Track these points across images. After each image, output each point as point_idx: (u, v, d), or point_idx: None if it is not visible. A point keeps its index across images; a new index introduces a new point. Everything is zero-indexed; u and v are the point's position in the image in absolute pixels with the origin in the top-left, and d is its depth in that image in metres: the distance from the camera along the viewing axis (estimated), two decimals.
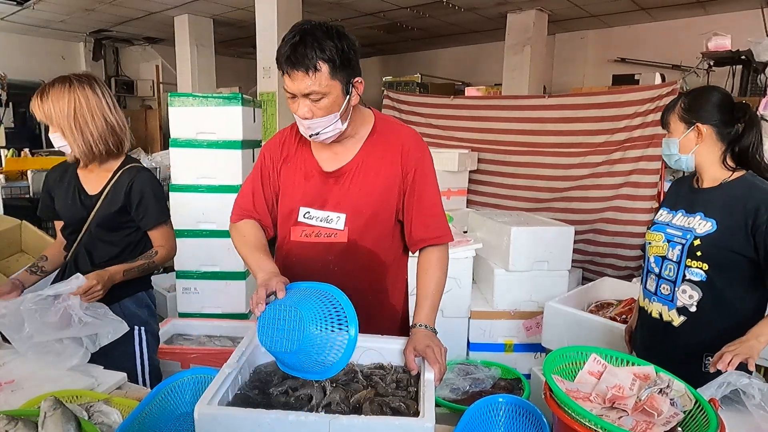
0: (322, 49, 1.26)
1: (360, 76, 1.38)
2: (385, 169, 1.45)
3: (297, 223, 1.49)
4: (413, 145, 1.47)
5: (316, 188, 1.47)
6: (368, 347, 1.32)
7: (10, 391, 1.37)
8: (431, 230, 1.48)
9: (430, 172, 1.49)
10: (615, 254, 4.21)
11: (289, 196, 1.51)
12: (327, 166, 1.47)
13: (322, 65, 1.27)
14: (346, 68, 1.31)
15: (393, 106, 5.66)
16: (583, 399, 1.15)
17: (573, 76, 8.01)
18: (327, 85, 1.29)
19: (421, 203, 1.47)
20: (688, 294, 1.64)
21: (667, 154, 1.73)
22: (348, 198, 1.44)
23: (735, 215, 1.56)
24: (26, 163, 5.72)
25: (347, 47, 1.30)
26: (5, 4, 6.94)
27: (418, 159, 1.46)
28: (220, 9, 7.34)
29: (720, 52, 4.11)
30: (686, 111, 1.66)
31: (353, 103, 1.39)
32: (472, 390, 2.45)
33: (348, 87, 1.34)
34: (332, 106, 1.33)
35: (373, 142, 1.47)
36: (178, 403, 1.26)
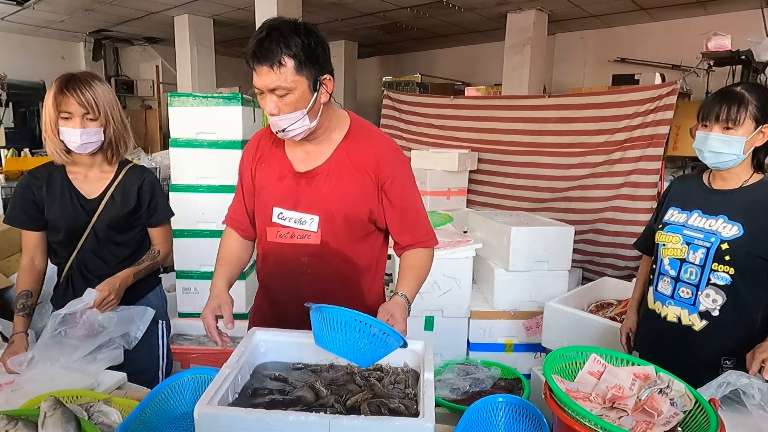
0: (288, 44, 1.26)
1: (330, 74, 1.37)
2: (359, 176, 1.44)
3: (272, 224, 1.50)
4: (389, 155, 1.46)
5: (289, 189, 1.47)
6: None
7: (10, 391, 1.37)
8: (418, 236, 1.51)
9: (408, 180, 1.50)
10: (615, 254, 4.21)
11: (264, 196, 1.52)
12: (300, 166, 1.47)
13: (287, 60, 1.27)
14: (313, 64, 1.31)
15: (393, 106, 5.66)
16: (583, 399, 1.15)
17: (573, 76, 8.01)
18: (292, 81, 1.29)
19: (405, 213, 1.49)
20: (712, 298, 1.61)
21: (718, 152, 1.58)
22: (320, 200, 1.44)
23: (762, 221, 1.54)
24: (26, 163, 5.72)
25: (314, 44, 1.30)
26: (5, 4, 6.94)
27: (394, 169, 1.45)
28: (220, 9, 7.34)
29: (720, 52, 4.11)
30: (760, 110, 1.54)
31: (322, 101, 1.37)
32: (472, 390, 2.45)
33: (315, 84, 1.33)
34: (298, 103, 1.32)
35: (348, 146, 1.46)
36: (178, 403, 1.26)
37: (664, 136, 3.99)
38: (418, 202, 1.52)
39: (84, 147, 1.65)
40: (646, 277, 1.96)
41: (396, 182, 1.46)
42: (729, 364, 1.59)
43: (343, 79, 9.34)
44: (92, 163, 1.75)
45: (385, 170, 1.44)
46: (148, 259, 1.79)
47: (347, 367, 1.31)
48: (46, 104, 1.65)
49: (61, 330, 1.52)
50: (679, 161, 4.52)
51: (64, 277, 1.81)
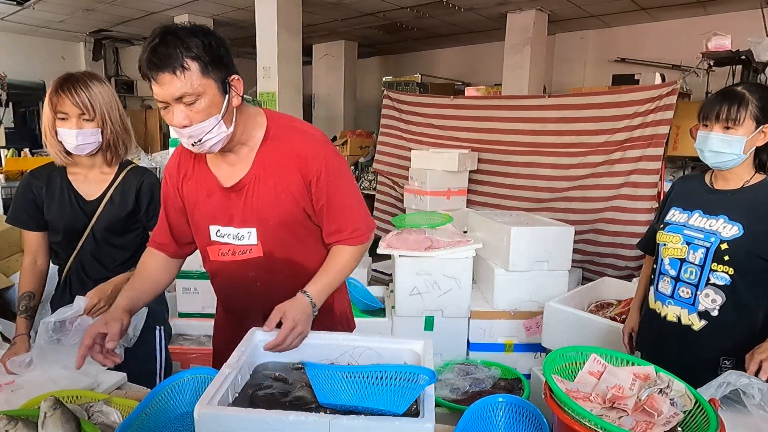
0: (187, 46, 1.17)
1: (237, 74, 1.27)
2: (285, 179, 1.36)
3: (211, 243, 1.44)
4: (311, 152, 1.36)
5: (220, 205, 1.40)
6: (367, 347, 1.32)
7: (10, 391, 1.37)
8: (343, 232, 1.42)
9: (336, 171, 1.39)
10: (615, 254, 4.21)
11: (197, 214, 1.45)
12: (226, 180, 1.39)
13: (190, 63, 1.17)
14: (219, 66, 1.22)
15: (393, 106, 5.66)
16: (583, 399, 1.15)
17: (573, 76, 8.01)
18: (200, 84, 1.19)
19: (331, 207, 1.40)
20: (711, 298, 1.61)
21: (718, 152, 1.57)
22: (253, 212, 1.37)
23: (762, 221, 1.55)
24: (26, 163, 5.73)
25: (215, 44, 1.21)
26: (5, 4, 6.94)
27: (319, 165, 1.35)
28: (220, 9, 7.34)
29: (720, 52, 4.10)
30: (761, 110, 1.53)
31: (235, 104, 1.29)
32: (472, 390, 2.45)
33: (225, 86, 1.24)
34: (211, 108, 1.22)
35: (268, 149, 1.37)
36: (178, 403, 1.26)
37: (664, 136, 3.99)
38: (346, 195, 1.42)
39: (80, 148, 1.63)
40: (648, 276, 1.97)
41: (322, 176, 1.36)
42: (728, 364, 1.59)
43: (343, 79, 9.34)
44: (92, 164, 1.73)
45: (310, 165, 1.35)
46: None
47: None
48: (44, 105, 1.64)
49: (55, 337, 1.52)
50: (679, 161, 4.52)
51: (62, 280, 1.81)
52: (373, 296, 3.12)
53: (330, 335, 1.36)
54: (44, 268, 1.78)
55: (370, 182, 6.25)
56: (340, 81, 9.36)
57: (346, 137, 6.70)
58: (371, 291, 3.21)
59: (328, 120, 9.43)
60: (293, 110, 6.44)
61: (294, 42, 6.29)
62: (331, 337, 1.35)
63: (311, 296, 1.33)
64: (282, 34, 6.11)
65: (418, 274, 2.78)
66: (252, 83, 6.83)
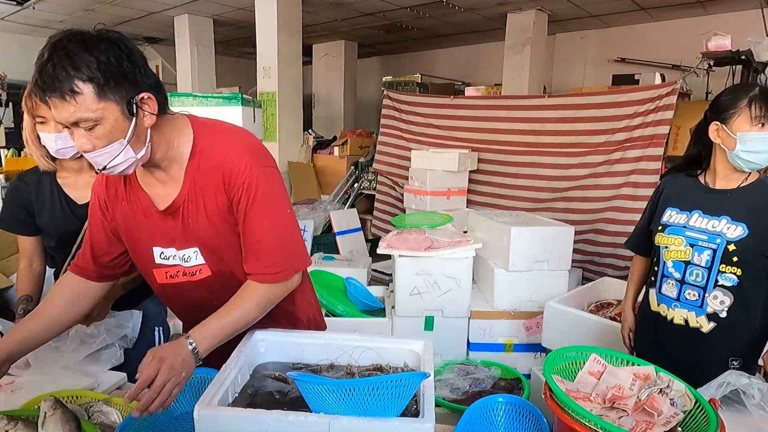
0: (77, 66, 1.00)
1: (148, 92, 1.10)
2: (213, 198, 1.22)
3: (157, 265, 1.32)
4: (236, 167, 1.19)
5: (160, 227, 1.27)
6: (367, 347, 1.32)
7: (10, 391, 1.37)
8: (260, 267, 1.23)
9: (260, 197, 1.20)
10: (615, 254, 4.21)
11: (135, 236, 1.32)
12: (159, 201, 1.26)
13: (82, 86, 1.01)
14: (121, 85, 1.05)
15: (393, 106, 5.66)
16: (583, 399, 1.15)
17: (573, 76, 8.01)
18: (97, 109, 1.03)
19: (249, 237, 1.23)
20: (720, 300, 1.61)
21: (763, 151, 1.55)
22: (192, 233, 1.26)
23: (765, 220, 1.55)
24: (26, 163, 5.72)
25: (116, 58, 1.04)
26: (5, 4, 6.94)
27: (242, 184, 1.19)
28: (220, 9, 7.34)
29: (720, 52, 4.10)
30: None
31: (147, 125, 1.12)
32: (472, 390, 2.44)
33: (131, 107, 1.07)
34: (113, 133, 1.07)
35: (196, 165, 1.22)
36: (178, 403, 1.26)
37: (664, 136, 3.99)
38: (270, 223, 1.22)
39: (62, 152, 1.55)
40: (639, 276, 1.97)
41: (243, 196, 1.20)
42: (736, 365, 1.60)
43: (343, 79, 9.35)
44: (80, 167, 1.67)
45: (233, 183, 1.20)
46: None
47: (347, 367, 1.30)
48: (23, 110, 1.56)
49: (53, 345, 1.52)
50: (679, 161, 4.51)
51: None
52: (373, 296, 3.12)
53: (330, 335, 1.36)
54: (40, 270, 1.77)
55: (370, 182, 6.26)
56: (340, 81, 9.37)
57: (346, 137, 6.70)
58: (371, 291, 3.21)
59: (328, 120, 9.43)
60: (293, 110, 6.45)
61: (294, 42, 6.29)
62: (331, 337, 1.35)
63: (195, 343, 1.13)
64: (282, 34, 6.11)
65: (418, 274, 2.78)
66: (252, 83, 6.84)
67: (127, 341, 1.66)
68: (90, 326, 1.59)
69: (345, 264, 3.77)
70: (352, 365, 1.30)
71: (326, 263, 3.70)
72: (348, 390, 0.97)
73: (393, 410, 1.00)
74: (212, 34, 8.05)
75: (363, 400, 0.97)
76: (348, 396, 0.97)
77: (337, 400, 0.98)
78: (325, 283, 3.07)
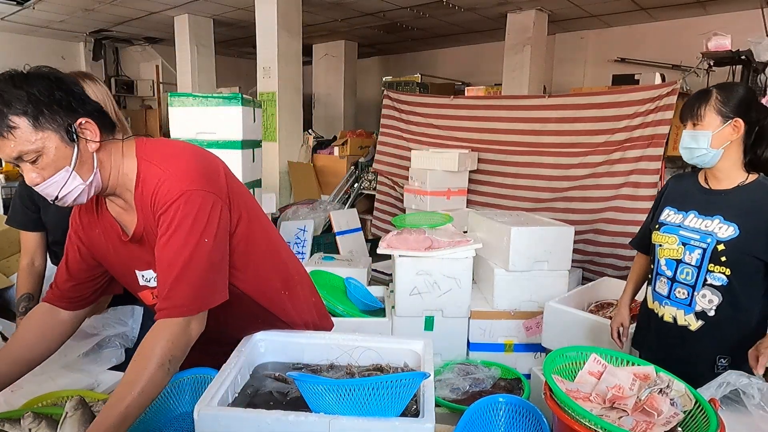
0: (7, 102, 1.02)
1: (89, 115, 1.10)
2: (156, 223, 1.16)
3: (142, 288, 1.31)
4: (161, 193, 1.13)
5: (134, 252, 1.26)
6: (367, 347, 1.32)
7: (10, 391, 1.37)
8: (161, 299, 1.12)
9: (175, 224, 1.12)
10: (615, 254, 4.21)
11: (115, 263, 1.31)
12: (127, 229, 1.25)
13: (17, 120, 1.02)
14: (55, 113, 1.05)
15: (393, 106, 5.66)
16: (583, 399, 1.15)
17: (573, 76, 8.01)
18: (36, 140, 1.04)
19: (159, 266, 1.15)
20: (708, 299, 1.63)
21: (690, 148, 1.62)
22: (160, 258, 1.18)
23: (757, 221, 1.56)
24: None
25: (46, 89, 1.05)
26: (5, 4, 6.94)
27: (162, 206, 1.13)
28: (220, 9, 7.34)
29: (720, 52, 4.10)
30: (724, 104, 1.57)
31: (92, 150, 1.12)
32: (472, 390, 2.44)
33: (70, 134, 1.07)
34: (57, 162, 1.07)
35: (140, 192, 1.18)
36: (178, 403, 1.26)
37: (664, 136, 3.99)
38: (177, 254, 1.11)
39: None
40: (639, 273, 2.00)
41: (161, 224, 1.13)
42: (724, 363, 1.62)
43: (343, 79, 9.35)
44: None
45: (157, 209, 1.14)
46: None
47: (347, 367, 1.31)
48: None
49: None
50: (679, 161, 4.51)
51: None
52: (373, 296, 3.12)
53: (330, 335, 1.36)
54: (41, 269, 1.78)
55: (370, 182, 6.26)
56: (340, 81, 9.37)
57: (346, 137, 6.70)
58: (371, 291, 3.21)
59: (328, 120, 9.44)
60: (293, 110, 6.45)
61: (294, 42, 6.29)
62: (331, 337, 1.35)
63: None
64: (282, 34, 6.11)
65: (418, 274, 2.78)
66: (252, 83, 6.84)
67: (128, 340, 1.66)
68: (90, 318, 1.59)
69: (345, 264, 3.76)
70: (352, 365, 1.30)
71: (326, 263, 3.70)
72: (348, 390, 0.97)
73: (393, 410, 1.00)
74: (212, 34, 8.05)
75: (363, 400, 0.97)
76: (348, 396, 0.97)
77: (336, 400, 0.98)
78: (325, 283, 3.07)
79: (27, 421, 1.08)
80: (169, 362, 1.07)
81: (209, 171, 1.20)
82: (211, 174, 1.20)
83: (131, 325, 1.70)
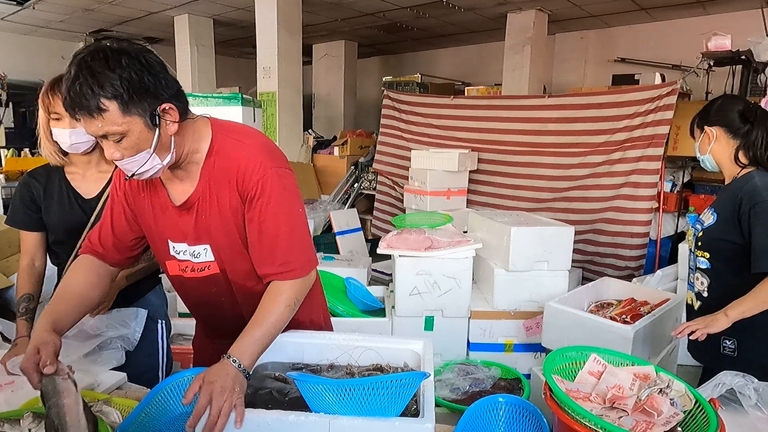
0: (101, 84, 1.05)
1: (169, 102, 1.15)
2: (226, 197, 1.26)
3: (170, 258, 1.37)
4: (249, 167, 1.23)
5: (174, 222, 1.32)
6: (367, 347, 1.32)
7: (10, 391, 1.37)
8: (275, 265, 1.25)
9: (273, 196, 1.23)
10: (615, 254, 4.21)
11: (153, 228, 1.37)
12: (176, 197, 1.32)
13: (108, 103, 1.06)
14: (143, 99, 1.10)
15: (393, 106, 5.67)
16: (583, 399, 1.15)
17: (573, 76, 8.01)
18: (122, 123, 1.09)
19: (263, 236, 1.25)
20: (700, 281, 1.85)
21: (697, 158, 1.95)
22: (204, 230, 1.30)
23: (732, 207, 1.75)
24: (26, 163, 5.73)
25: (138, 74, 1.08)
26: (5, 4, 6.94)
27: (255, 184, 1.22)
28: (220, 9, 7.34)
29: (720, 52, 4.10)
30: (699, 118, 1.90)
31: (171, 133, 1.18)
32: (472, 390, 2.44)
33: (153, 119, 1.13)
34: (139, 144, 1.13)
35: (212, 164, 1.26)
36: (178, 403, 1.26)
37: (664, 136, 3.99)
38: (281, 224, 1.24)
39: (75, 147, 1.63)
40: None
41: (256, 198, 1.23)
42: (729, 344, 1.76)
43: (343, 79, 9.35)
44: (89, 162, 1.74)
45: (246, 182, 1.23)
46: (144, 260, 1.77)
47: (347, 367, 1.31)
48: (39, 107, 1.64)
49: None
50: (679, 161, 4.52)
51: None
52: (373, 296, 3.12)
53: (330, 335, 1.36)
54: (42, 269, 1.79)
55: (370, 182, 6.26)
56: (340, 81, 9.37)
57: (346, 137, 6.70)
58: (371, 291, 3.21)
59: (328, 120, 9.44)
60: (293, 110, 6.45)
61: (294, 42, 6.29)
62: (331, 337, 1.35)
63: (238, 360, 1.13)
64: (282, 34, 6.11)
65: (418, 274, 2.78)
66: (252, 83, 6.84)
67: (129, 343, 1.66)
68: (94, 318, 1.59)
69: (345, 264, 3.77)
70: (352, 365, 1.30)
71: (326, 263, 3.70)
72: (348, 390, 0.97)
73: (393, 410, 1.01)
74: (212, 34, 8.06)
75: (363, 400, 0.97)
76: (348, 396, 0.97)
77: (337, 400, 0.99)
78: (325, 283, 3.05)
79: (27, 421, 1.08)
80: (296, 306, 1.27)
81: (279, 151, 1.33)
82: (281, 153, 1.34)
83: (134, 328, 1.70)
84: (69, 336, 1.53)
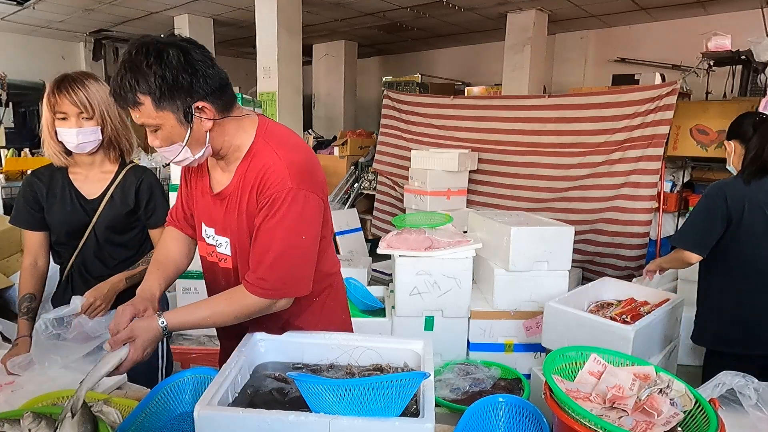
0: (138, 80, 1.12)
1: (205, 99, 1.18)
2: (246, 201, 1.29)
3: (201, 238, 1.45)
4: (270, 180, 1.23)
5: (209, 207, 1.39)
6: (367, 347, 1.32)
7: (10, 391, 1.37)
8: (253, 276, 1.26)
9: (279, 213, 1.22)
10: (615, 254, 4.21)
11: (195, 209, 1.46)
12: (215, 185, 1.38)
13: (143, 98, 1.14)
14: (176, 97, 1.15)
15: (393, 106, 5.67)
16: (583, 399, 1.15)
17: (573, 76, 8.01)
18: (156, 117, 1.16)
19: (255, 245, 1.27)
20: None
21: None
22: (229, 223, 1.34)
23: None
24: (26, 163, 5.73)
25: (173, 71, 1.13)
26: (5, 4, 6.94)
27: (268, 197, 1.23)
28: (220, 9, 7.34)
29: (720, 52, 4.11)
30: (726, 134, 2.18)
31: (205, 129, 1.22)
32: (472, 390, 2.44)
33: (187, 115, 1.18)
34: (171, 137, 1.20)
35: (246, 165, 1.29)
36: (178, 403, 1.26)
37: (664, 136, 3.99)
38: (279, 241, 1.23)
39: (81, 146, 1.65)
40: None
41: (265, 209, 1.24)
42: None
43: (343, 79, 9.35)
44: (92, 162, 1.75)
45: (264, 193, 1.24)
46: (143, 263, 1.77)
47: (347, 367, 1.31)
48: (43, 107, 1.65)
49: (54, 332, 1.52)
50: (679, 161, 4.51)
51: (64, 278, 1.82)
52: (373, 296, 3.12)
53: (330, 335, 1.36)
54: (44, 269, 1.79)
55: (370, 182, 6.26)
56: (340, 81, 9.37)
57: (346, 137, 6.70)
58: (371, 291, 3.21)
59: (328, 120, 9.43)
60: (293, 110, 6.45)
61: (294, 42, 6.29)
62: (331, 337, 1.35)
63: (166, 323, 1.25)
64: (282, 34, 6.11)
65: (418, 274, 2.78)
66: (252, 83, 6.84)
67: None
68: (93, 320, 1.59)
69: (345, 264, 3.77)
70: (352, 365, 1.30)
71: None
72: (348, 390, 0.97)
73: (393, 410, 1.00)
74: (212, 34, 8.05)
75: (363, 400, 0.97)
76: (348, 396, 0.97)
77: (337, 400, 0.98)
78: None
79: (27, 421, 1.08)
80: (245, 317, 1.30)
81: (317, 171, 1.32)
82: (318, 175, 1.32)
83: None
84: (69, 338, 1.53)
